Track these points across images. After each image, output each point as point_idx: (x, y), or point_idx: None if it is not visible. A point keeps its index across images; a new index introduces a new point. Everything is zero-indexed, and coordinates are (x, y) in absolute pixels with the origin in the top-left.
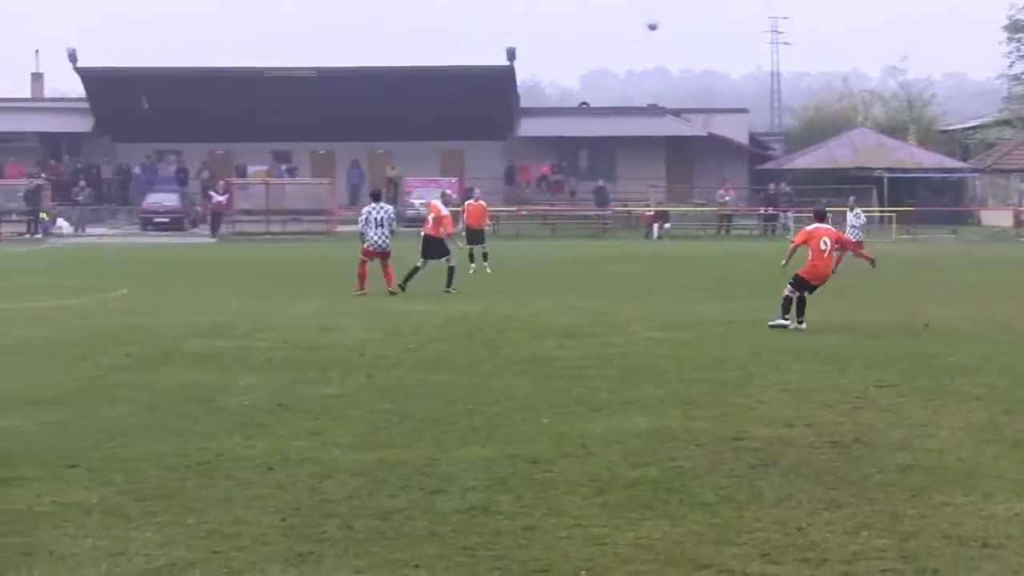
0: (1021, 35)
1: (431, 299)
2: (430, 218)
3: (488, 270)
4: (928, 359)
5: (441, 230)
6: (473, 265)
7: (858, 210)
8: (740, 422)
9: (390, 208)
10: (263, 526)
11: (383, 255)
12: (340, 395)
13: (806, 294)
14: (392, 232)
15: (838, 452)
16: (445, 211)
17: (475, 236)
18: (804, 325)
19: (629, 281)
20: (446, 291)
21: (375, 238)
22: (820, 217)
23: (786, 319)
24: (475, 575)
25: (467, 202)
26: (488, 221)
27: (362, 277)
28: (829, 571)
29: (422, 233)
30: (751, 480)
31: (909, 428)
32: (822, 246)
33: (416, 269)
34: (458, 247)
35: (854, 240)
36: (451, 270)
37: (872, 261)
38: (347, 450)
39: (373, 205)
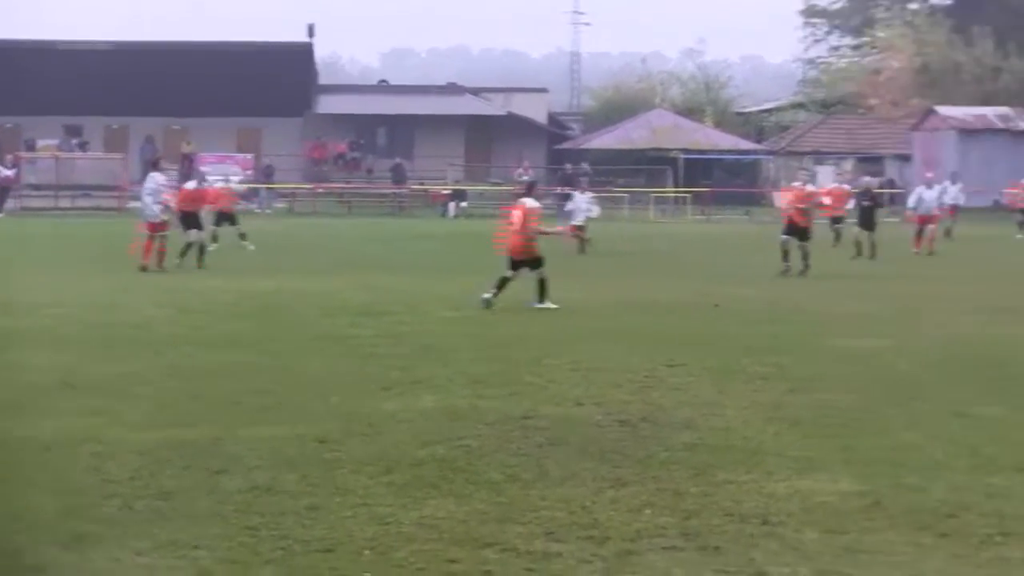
0: (816, 20)
1: (224, 276)
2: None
3: (250, 247)
4: (717, 338)
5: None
6: (215, 244)
7: (589, 194)
8: (529, 401)
9: (158, 177)
10: (40, 508)
11: (154, 227)
12: (126, 373)
13: (541, 275)
14: (161, 204)
15: (625, 431)
16: (188, 186)
17: (224, 217)
18: (540, 305)
19: (424, 259)
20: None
21: (145, 209)
22: (527, 190)
23: (488, 294)
24: (257, 555)
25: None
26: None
27: (147, 251)
28: (612, 549)
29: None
30: (538, 459)
31: (696, 407)
32: (513, 218)
33: (198, 245)
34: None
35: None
36: (188, 246)
37: (580, 243)
38: (131, 429)
39: (149, 175)
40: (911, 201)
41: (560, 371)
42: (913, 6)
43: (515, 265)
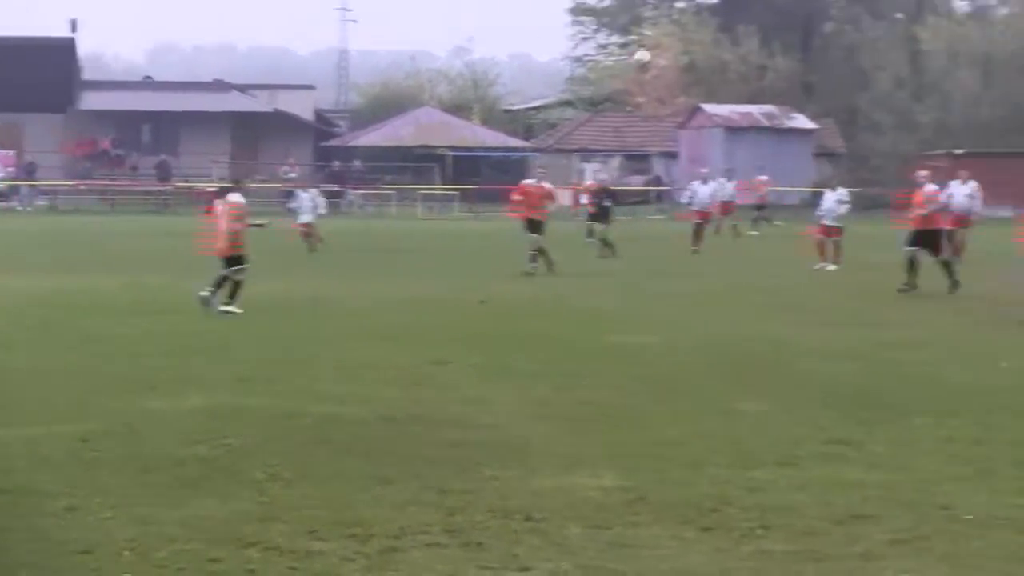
0: (584, 18)
1: None
2: None
3: None
4: (484, 335)
5: None
6: None
7: (314, 191)
8: (294, 400)
9: None
10: None
11: None
12: None
13: (239, 276)
14: None
15: (391, 428)
16: None
17: None
18: (225, 308)
19: (189, 257)
20: None
21: None
22: (234, 185)
23: (224, 303)
24: (12, 558)
25: None
26: None
27: None
28: (375, 546)
29: None
30: (302, 457)
31: (463, 404)
32: (216, 215)
33: None
34: None
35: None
36: None
37: (309, 241)
38: None
39: None
40: (685, 197)
41: (325, 369)
42: (680, 5)
43: (227, 263)
